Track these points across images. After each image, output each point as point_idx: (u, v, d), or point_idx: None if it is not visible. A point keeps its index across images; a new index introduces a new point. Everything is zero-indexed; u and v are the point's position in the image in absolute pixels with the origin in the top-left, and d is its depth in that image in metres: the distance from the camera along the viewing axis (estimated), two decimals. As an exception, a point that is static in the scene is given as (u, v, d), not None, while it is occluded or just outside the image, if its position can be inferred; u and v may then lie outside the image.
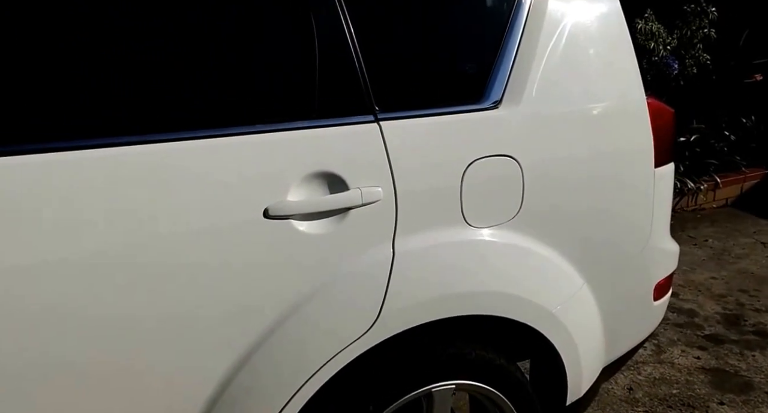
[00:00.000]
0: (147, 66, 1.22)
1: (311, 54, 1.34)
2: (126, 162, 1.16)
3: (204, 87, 1.28)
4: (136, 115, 1.21)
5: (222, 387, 1.31)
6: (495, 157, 1.51)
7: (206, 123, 1.25)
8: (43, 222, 1.09)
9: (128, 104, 1.21)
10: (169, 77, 1.25)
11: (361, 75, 1.37)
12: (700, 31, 5.35)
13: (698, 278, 4.03)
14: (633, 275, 1.93)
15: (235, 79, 1.32)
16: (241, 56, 1.33)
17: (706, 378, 2.88)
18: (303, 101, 1.34)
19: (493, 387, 1.61)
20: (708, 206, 5.51)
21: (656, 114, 1.82)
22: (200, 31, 1.28)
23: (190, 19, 1.27)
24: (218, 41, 1.30)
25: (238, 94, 1.31)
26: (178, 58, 1.26)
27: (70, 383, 1.17)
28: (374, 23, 1.47)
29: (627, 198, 1.82)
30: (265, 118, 1.30)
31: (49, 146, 1.11)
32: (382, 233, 1.40)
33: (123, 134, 1.17)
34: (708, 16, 5.35)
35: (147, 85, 1.22)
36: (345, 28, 1.36)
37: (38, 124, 1.13)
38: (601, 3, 1.74)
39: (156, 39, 1.24)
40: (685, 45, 5.33)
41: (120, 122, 1.19)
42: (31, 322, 1.11)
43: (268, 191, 1.27)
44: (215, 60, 1.30)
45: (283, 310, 1.32)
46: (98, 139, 1.15)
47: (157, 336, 1.22)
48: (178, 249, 1.20)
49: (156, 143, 1.19)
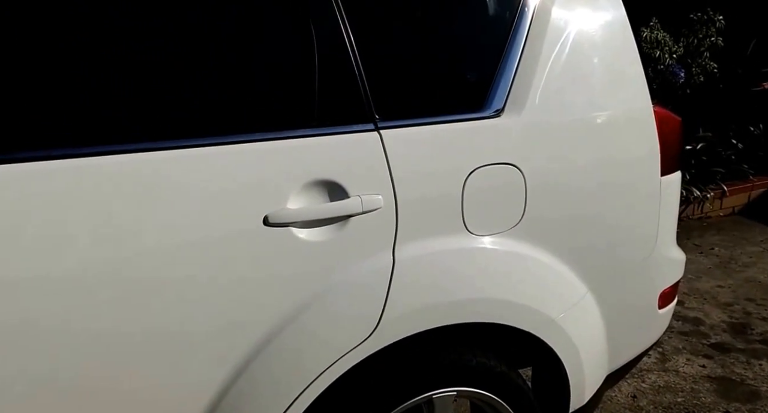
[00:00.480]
0: (149, 74, 1.23)
1: (311, 63, 1.35)
2: (125, 171, 1.17)
3: (204, 96, 1.29)
4: (139, 123, 1.22)
5: (220, 396, 1.31)
6: (497, 165, 1.51)
7: (206, 131, 1.26)
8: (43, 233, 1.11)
9: (134, 110, 1.22)
10: (171, 86, 1.26)
11: (362, 84, 1.38)
12: (707, 40, 5.35)
13: (704, 287, 4.01)
14: (638, 284, 1.92)
15: (236, 88, 1.32)
16: (241, 65, 1.34)
17: (712, 386, 2.87)
18: (303, 110, 1.35)
19: (494, 394, 1.61)
20: (714, 215, 5.49)
21: (663, 122, 1.82)
22: (201, 41, 1.29)
23: (191, 29, 1.28)
24: (219, 50, 1.31)
25: (238, 103, 1.32)
26: (180, 67, 1.27)
27: (76, 393, 1.19)
28: (374, 32, 1.48)
29: (632, 207, 1.82)
30: (265, 126, 1.31)
31: (37, 154, 1.12)
32: (382, 240, 1.41)
33: (125, 142, 1.18)
34: (715, 24, 5.35)
35: (149, 94, 1.23)
36: (345, 37, 1.37)
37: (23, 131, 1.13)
38: (606, 11, 1.74)
39: (157, 47, 1.25)
40: (691, 53, 5.32)
41: (122, 130, 1.20)
42: (28, 336, 1.12)
43: (268, 198, 1.28)
44: (216, 69, 1.31)
45: (283, 317, 1.33)
46: (100, 146, 1.16)
47: (157, 344, 1.23)
48: (179, 258, 1.21)
49: (157, 151, 1.20)
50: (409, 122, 1.44)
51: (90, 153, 1.15)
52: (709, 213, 5.47)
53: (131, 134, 1.20)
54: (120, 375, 1.22)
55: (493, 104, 1.54)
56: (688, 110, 4.65)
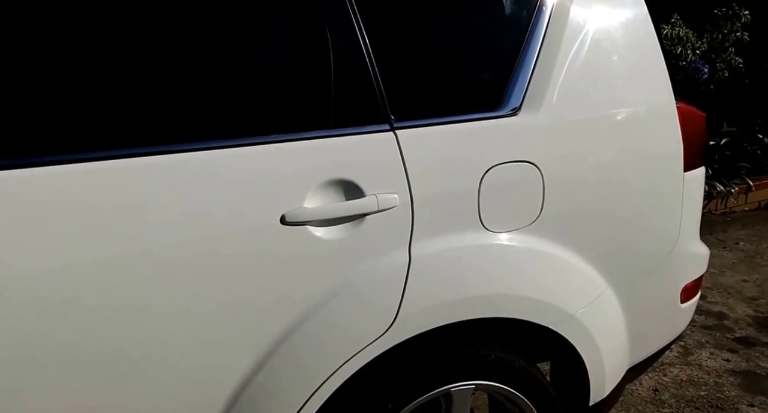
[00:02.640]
0: (175, 80, 1.29)
1: (326, 65, 1.38)
2: (156, 170, 1.22)
3: (226, 100, 1.34)
4: (167, 126, 1.28)
5: (242, 387, 1.35)
6: (513, 163, 1.53)
7: (224, 134, 1.30)
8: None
9: (161, 115, 1.28)
10: (198, 93, 1.31)
11: (377, 86, 1.41)
12: (732, 35, 5.31)
13: (728, 281, 3.99)
14: (659, 278, 1.93)
15: (254, 92, 1.37)
16: (259, 70, 1.38)
17: (736, 380, 2.86)
18: (319, 112, 1.38)
19: (513, 388, 1.63)
20: (739, 209, 5.46)
21: (687, 118, 1.82)
22: (222, 49, 1.34)
23: (213, 39, 1.33)
24: (238, 57, 1.36)
25: (256, 106, 1.36)
26: (205, 74, 1.32)
27: (95, 377, 1.23)
28: (389, 34, 1.50)
29: (654, 202, 1.82)
30: (282, 128, 1.35)
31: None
32: (398, 238, 1.43)
33: (152, 144, 1.24)
34: (740, 19, 5.31)
35: (179, 100, 1.29)
36: (360, 40, 1.40)
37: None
38: (627, 9, 1.75)
39: (181, 53, 1.30)
40: (715, 49, 5.29)
41: (152, 132, 1.26)
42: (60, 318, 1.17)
43: (285, 198, 1.32)
44: (235, 74, 1.35)
45: (301, 313, 1.36)
46: (135, 148, 1.22)
47: (181, 336, 1.28)
48: (200, 253, 1.26)
49: (182, 152, 1.25)
50: (425, 122, 1.46)
51: (143, 153, 1.22)
52: (734, 208, 5.43)
53: (168, 137, 1.26)
54: (155, 358, 1.27)
55: (510, 103, 1.56)
56: (712, 105, 4.61)
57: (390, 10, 1.52)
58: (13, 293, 1.12)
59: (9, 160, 1.12)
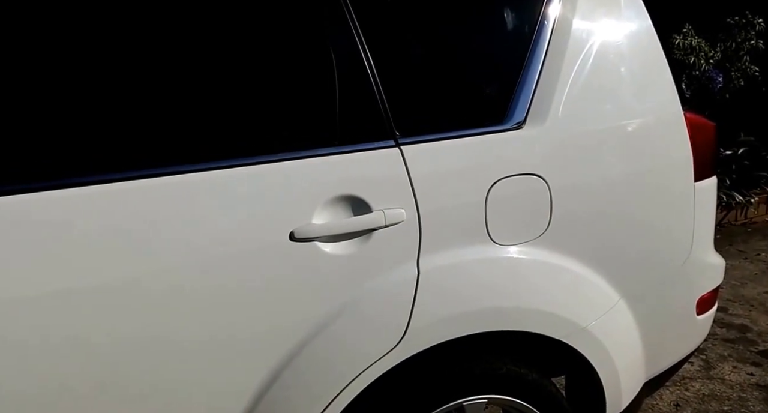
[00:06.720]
0: (183, 101, 1.33)
1: (331, 85, 1.40)
2: (166, 189, 1.26)
3: (234, 120, 1.37)
4: (176, 146, 1.31)
5: (254, 403, 1.37)
6: (520, 176, 1.54)
7: (235, 152, 1.33)
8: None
9: (170, 135, 1.32)
10: (207, 113, 1.35)
11: (381, 103, 1.43)
12: (747, 43, 5.29)
13: (750, 293, 3.94)
14: (673, 290, 1.91)
15: (261, 111, 1.40)
16: (266, 89, 1.40)
17: (761, 394, 2.80)
18: (325, 130, 1.41)
19: (526, 401, 1.63)
20: (760, 220, 5.39)
21: (696, 128, 1.81)
22: (231, 70, 1.38)
23: (221, 59, 1.37)
24: (245, 77, 1.39)
25: (263, 125, 1.40)
26: (213, 94, 1.35)
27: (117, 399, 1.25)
28: (392, 51, 1.52)
29: (665, 213, 1.81)
30: (289, 146, 1.37)
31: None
32: (406, 252, 1.44)
33: (159, 165, 1.27)
34: (755, 27, 5.30)
35: (188, 120, 1.33)
36: (363, 59, 1.43)
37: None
38: (630, 21, 1.75)
39: (189, 74, 1.34)
40: (730, 58, 5.27)
41: (162, 152, 1.29)
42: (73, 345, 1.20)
43: (294, 214, 1.34)
44: (242, 94, 1.38)
45: (311, 328, 1.38)
46: (141, 170, 1.25)
47: (193, 354, 1.30)
48: (209, 270, 1.28)
49: (190, 172, 1.28)
50: (429, 137, 1.48)
51: (152, 175, 1.26)
52: (754, 219, 5.37)
53: (176, 158, 1.30)
54: (170, 377, 1.29)
55: (515, 117, 1.57)
56: (727, 114, 4.59)
57: (392, 28, 1.54)
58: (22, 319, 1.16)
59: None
